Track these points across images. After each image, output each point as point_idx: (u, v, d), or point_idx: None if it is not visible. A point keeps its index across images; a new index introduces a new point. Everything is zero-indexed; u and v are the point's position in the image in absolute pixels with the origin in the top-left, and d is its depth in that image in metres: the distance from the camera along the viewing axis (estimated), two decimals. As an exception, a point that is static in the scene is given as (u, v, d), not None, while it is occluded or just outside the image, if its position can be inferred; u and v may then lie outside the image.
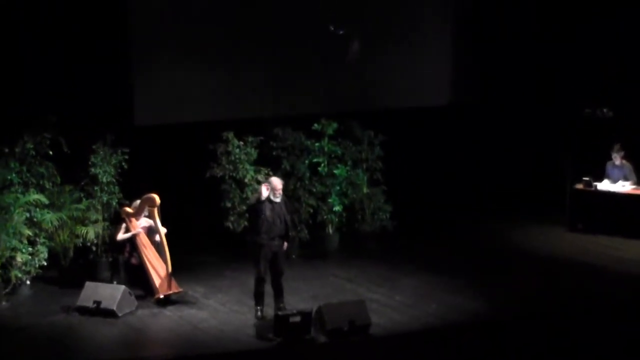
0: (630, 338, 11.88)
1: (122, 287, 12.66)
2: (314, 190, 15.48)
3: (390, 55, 17.53)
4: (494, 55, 18.42)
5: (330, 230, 15.57)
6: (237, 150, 14.89)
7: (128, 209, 13.43)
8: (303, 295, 13.14)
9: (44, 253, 13.45)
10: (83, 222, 13.94)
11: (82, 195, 14.07)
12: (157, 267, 13.09)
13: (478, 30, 18.37)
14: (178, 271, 13.17)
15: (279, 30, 16.49)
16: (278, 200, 12.34)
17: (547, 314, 12.58)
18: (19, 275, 13.19)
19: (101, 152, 14.03)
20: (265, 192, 12.28)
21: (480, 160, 18.10)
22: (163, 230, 13.18)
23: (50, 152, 13.76)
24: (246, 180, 14.74)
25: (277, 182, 12.43)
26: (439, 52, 18.24)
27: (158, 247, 13.18)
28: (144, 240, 13.28)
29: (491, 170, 18.00)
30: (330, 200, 15.49)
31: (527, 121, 18.29)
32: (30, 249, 13.33)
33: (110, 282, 13.28)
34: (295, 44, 16.66)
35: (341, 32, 16.85)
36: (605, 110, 16.22)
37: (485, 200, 17.62)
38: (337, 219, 15.55)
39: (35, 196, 13.39)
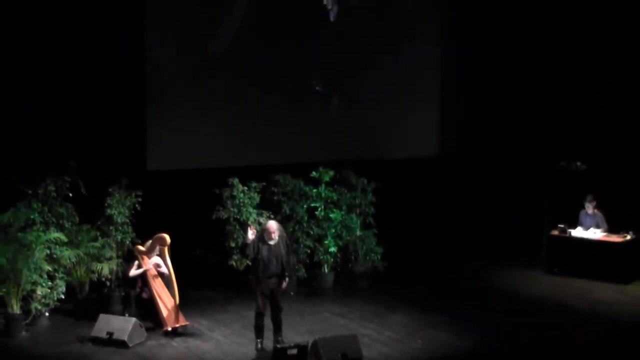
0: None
1: (133, 319, 12.82)
2: (312, 232, 15.73)
3: (383, 111, 17.94)
4: (478, 111, 18.74)
5: (326, 270, 15.84)
6: (242, 195, 15.16)
7: (140, 247, 13.68)
8: (300, 329, 13.27)
9: (62, 287, 13.62)
10: (98, 259, 14.15)
11: (98, 234, 14.28)
12: (166, 302, 13.28)
13: (465, 89, 18.71)
14: (185, 305, 13.44)
15: (282, 88, 16.82)
16: (272, 242, 12.26)
17: (524, 353, 12.71)
18: (39, 307, 13.37)
19: (116, 195, 14.26)
20: (250, 235, 12.36)
21: (464, 207, 18.33)
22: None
23: (70, 194, 13.94)
24: (249, 222, 14.42)
25: (268, 226, 12.36)
26: (427, 108, 18.56)
27: (167, 283, 13.39)
28: (154, 277, 13.51)
29: (474, 216, 18.26)
30: (326, 242, 15.75)
31: (507, 173, 18.48)
32: (49, 283, 13.46)
33: (123, 314, 13.47)
34: (295, 100, 17.08)
35: (317, 88, 17.04)
36: (578, 163, 16.63)
37: (469, 244, 17.83)
38: (332, 259, 15.79)
39: (55, 234, 13.57)
